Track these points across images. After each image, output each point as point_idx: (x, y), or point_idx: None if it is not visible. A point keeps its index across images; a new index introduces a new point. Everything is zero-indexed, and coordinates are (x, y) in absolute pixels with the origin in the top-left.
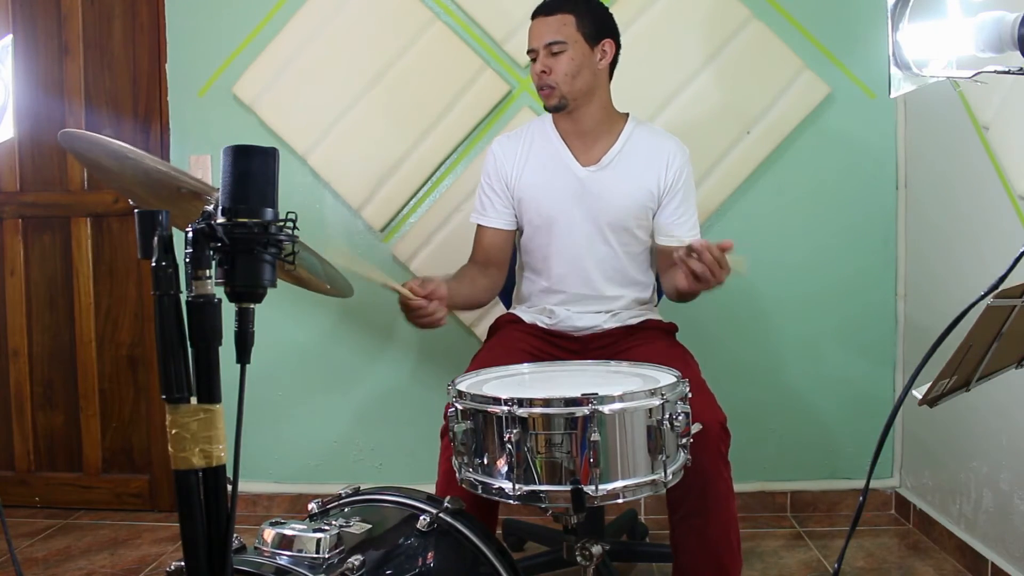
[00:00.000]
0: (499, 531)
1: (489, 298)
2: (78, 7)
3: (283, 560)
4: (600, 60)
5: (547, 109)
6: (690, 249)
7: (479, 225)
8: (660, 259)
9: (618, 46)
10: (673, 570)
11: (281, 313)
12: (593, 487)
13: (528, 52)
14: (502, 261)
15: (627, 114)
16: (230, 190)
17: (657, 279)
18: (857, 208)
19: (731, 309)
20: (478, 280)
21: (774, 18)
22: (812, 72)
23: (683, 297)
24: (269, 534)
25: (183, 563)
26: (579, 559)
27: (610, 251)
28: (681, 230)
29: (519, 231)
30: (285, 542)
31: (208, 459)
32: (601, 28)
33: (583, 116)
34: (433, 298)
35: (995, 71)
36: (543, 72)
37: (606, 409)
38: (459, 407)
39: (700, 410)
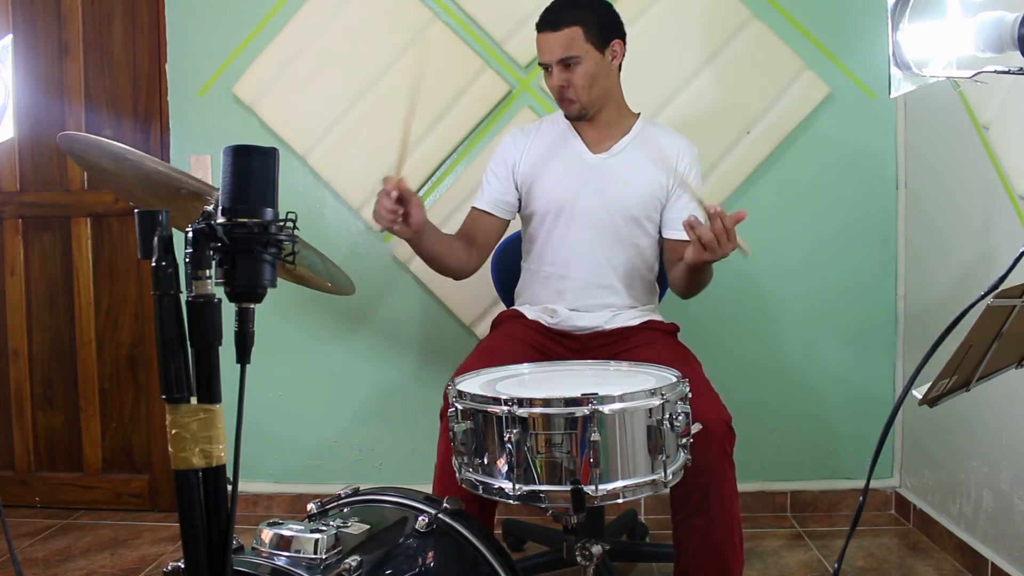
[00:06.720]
0: (499, 531)
1: (454, 267)
2: (78, 7)
3: (281, 561)
4: (612, 61)
5: (568, 118)
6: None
7: (472, 208)
8: (668, 254)
9: (625, 41)
10: (675, 570)
11: (281, 313)
12: (593, 487)
13: (540, 64)
14: (484, 245)
15: (639, 113)
16: (230, 190)
17: (663, 275)
18: (857, 208)
19: (731, 309)
20: (456, 247)
21: (774, 18)
22: (812, 72)
23: (688, 282)
24: (267, 534)
25: (180, 563)
26: (579, 559)
27: (617, 241)
28: None
29: (523, 222)
30: (283, 542)
31: (208, 459)
32: (608, 31)
33: (599, 114)
34: (407, 206)
35: (995, 71)
36: (562, 87)
37: (606, 409)
38: (459, 407)
39: (704, 409)
